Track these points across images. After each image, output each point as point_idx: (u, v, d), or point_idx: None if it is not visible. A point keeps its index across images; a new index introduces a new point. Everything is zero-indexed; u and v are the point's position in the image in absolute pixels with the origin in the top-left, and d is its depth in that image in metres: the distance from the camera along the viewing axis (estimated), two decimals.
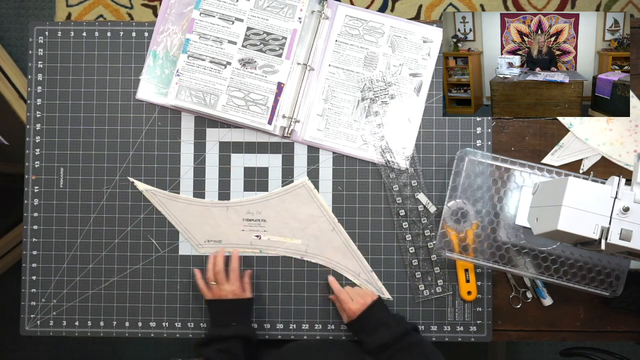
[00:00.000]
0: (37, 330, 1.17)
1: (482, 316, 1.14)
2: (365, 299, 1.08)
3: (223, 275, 1.11)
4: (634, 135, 1.15)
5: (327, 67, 1.17)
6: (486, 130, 1.16)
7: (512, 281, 1.15)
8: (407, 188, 1.16)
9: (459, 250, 1.11)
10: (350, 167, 1.16)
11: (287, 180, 1.17)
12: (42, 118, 1.18)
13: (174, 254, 1.17)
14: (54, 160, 1.18)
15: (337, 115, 1.16)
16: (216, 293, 1.10)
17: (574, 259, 1.08)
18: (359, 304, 1.07)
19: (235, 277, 1.11)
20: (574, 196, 0.87)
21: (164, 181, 1.17)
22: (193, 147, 1.18)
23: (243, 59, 1.14)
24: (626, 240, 0.85)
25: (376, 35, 1.16)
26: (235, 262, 1.12)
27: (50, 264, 1.17)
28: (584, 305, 1.15)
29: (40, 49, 1.18)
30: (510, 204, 1.11)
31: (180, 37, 1.17)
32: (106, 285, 1.17)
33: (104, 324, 1.17)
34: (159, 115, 1.18)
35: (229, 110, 1.14)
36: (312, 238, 1.16)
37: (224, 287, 1.10)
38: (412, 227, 1.15)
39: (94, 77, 1.18)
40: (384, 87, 1.16)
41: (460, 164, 1.12)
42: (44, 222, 1.17)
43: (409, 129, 1.16)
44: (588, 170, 1.16)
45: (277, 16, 1.14)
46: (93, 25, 1.19)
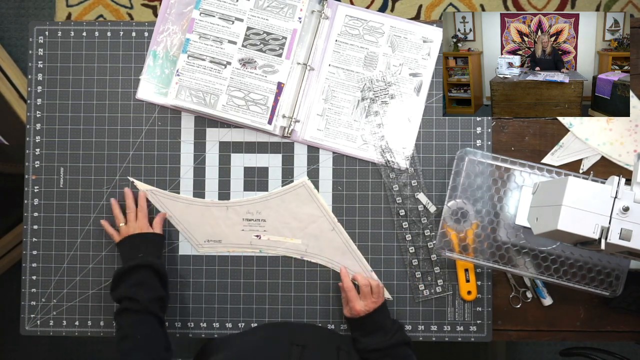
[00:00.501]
0: (37, 330, 1.17)
1: (482, 316, 1.14)
2: (370, 304, 1.07)
3: (133, 216, 1.11)
4: (634, 135, 1.15)
5: (327, 67, 1.17)
6: (486, 130, 1.16)
7: (512, 281, 1.15)
8: (407, 188, 1.16)
9: (459, 250, 1.11)
10: (350, 167, 1.16)
11: (287, 180, 1.17)
12: (42, 118, 1.18)
13: (174, 254, 1.17)
14: (54, 160, 1.18)
15: (337, 115, 1.16)
16: (124, 232, 1.09)
17: (574, 259, 1.08)
18: (364, 306, 1.07)
19: (142, 215, 1.11)
20: (574, 196, 0.87)
21: (164, 181, 1.17)
22: (193, 147, 1.18)
23: (243, 59, 1.14)
24: (626, 240, 0.85)
25: (376, 35, 1.16)
26: (143, 201, 1.13)
27: (50, 264, 1.17)
28: (584, 305, 1.15)
29: (40, 49, 1.18)
30: (510, 204, 1.11)
31: (180, 37, 1.17)
32: (106, 285, 1.17)
33: (104, 324, 1.17)
34: (159, 115, 1.18)
35: (229, 110, 1.14)
36: (312, 238, 1.16)
37: (131, 225, 1.09)
38: (412, 227, 1.15)
39: (94, 77, 1.18)
40: (384, 87, 1.16)
41: (460, 164, 1.12)
42: (44, 222, 1.17)
43: (409, 129, 1.16)
44: (588, 170, 1.16)
45: (277, 16, 1.14)
46: (93, 25, 1.19)
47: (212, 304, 1.16)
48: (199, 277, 1.17)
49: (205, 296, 1.16)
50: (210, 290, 1.16)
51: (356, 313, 1.07)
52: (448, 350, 1.91)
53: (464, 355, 1.91)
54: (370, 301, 1.07)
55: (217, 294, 1.16)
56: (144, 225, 1.10)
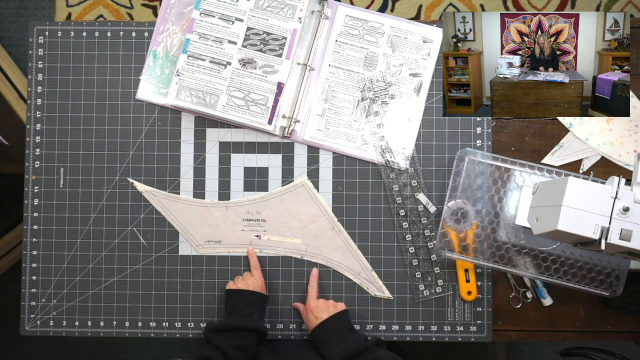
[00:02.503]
0: (37, 330, 1.17)
1: (482, 316, 1.14)
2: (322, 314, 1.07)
3: (259, 273, 1.12)
4: (634, 135, 1.15)
5: (327, 67, 1.17)
6: (486, 130, 1.16)
7: (512, 281, 1.15)
8: (407, 188, 1.16)
9: (459, 250, 1.11)
10: (350, 167, 1.16)
11: (287, 180, 1.17)
12: (42, 118, 1.18)
13: (174, 254, 1.17)
14: (54, 160, 1.18)
15: (337, 115, 1.16)
16: (240, 285, 1.09)
17: (574, 259, 1.08)
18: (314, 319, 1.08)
19: (259, 274, 1.12)
20: (574, 196, 0.87)
21: (164, 181, 1.17)
22: (193, 147, 1.18)
23: (243, 59, 1.14)
24: (626, 240, 0.85)
25: (376, 35, 1.16)
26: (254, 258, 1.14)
27: (50, 264, 1.17)
28: (584, 305, 1.15)
29: (40, 49, 1.18)
30: (510, 204, 1.11)
31: (180, 37, 1.17)
32: (106, 285, 1.17)
33: (104, 324, 1.17)
34: (159, 115, 1.18)
35: (229, 110, 1.14)
36: (311, 237, 1.16)
37: (250, 281, 1.10)
38: (412, 227, 1.15)
39: (94, 77, 1.18)
40: (384, 87, 1.16)
41: (460, 164, 1.12)
42: (44, 222, 1.17)
43: (409, 129, 1.16)
44: (588, 170, 1.16)
45: (277, 16, 1.14)
46: (93, 25, 1.19)
47: (212, 304, 1.16)
48: (199, 277, 1.17)
49: (205, 296, 1.16)
50: (210, 290, 1.16)
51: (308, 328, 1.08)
52: (448, 350, 1.91)
53: (464, 355, 1.91)
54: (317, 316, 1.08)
55: (217, 294, 1.16)
56: (263, 285, 1.11)
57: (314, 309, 1.08)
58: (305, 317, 1.11)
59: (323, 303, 1.09)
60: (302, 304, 1.14)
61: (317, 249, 1.16)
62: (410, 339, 1.15)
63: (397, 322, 1.15)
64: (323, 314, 1.07)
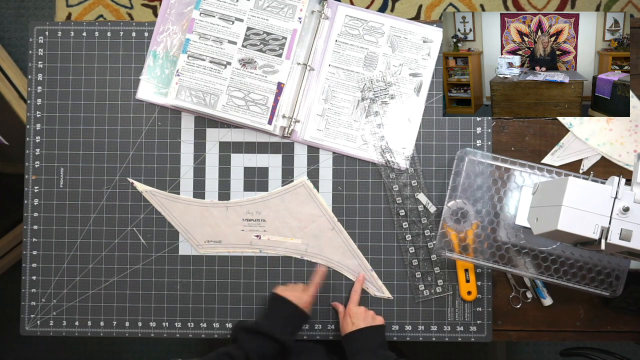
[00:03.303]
0: (37, 330, 1.17)
1: (482, 316, 1.14)
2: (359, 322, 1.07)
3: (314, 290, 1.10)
4: (634, 135, 1.15)
5: (327, 67, 1.17)
6: (486, 130, 1.16)
7: (512, 281, 1.15)
8: (407, 188, 1.16)
9: (459, 250, 1.11)
10: (350, 167, 1.16)
11: (287, 180, 1.17)
12: (42, 118, 1.18)
13: (174, 254, 1.17)
14: (54, 160, 1.18)
15: (337, 115, 1.16)
16: (288, 294, 1.08)
17: (574, 259, 1.08)
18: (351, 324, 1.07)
19: (313, 293, 1.10)
20: (574, 196, 0.87)
21: (164, 181, 1.17)
22: (193, 147, 1.18)
23: (243, 59, 1.14)
24: (626, 240, 0.85)
25: (376, 35, 1.16)
26: (319, 278, 1.12)
27: (50, 264, 1.17)
28: (584, 305, 1.15)
29: (40, 49, 1.18)
30: (510, 204, 1.11)
31: (180, 37, 1.17)
32: (106, 285, 1.17)
33: (104, 324, 1.17)
34: (159, 115, 1.18)
35: (229, 110, 1.14)
36: (311, 237, 1.16)
37: (300, 294, 1.08)
38: (412, 227, 1.15)
39: (94, 77, 1.18)
40: (384, 87, 1.16)
41: (460, 164, 1.12)
42: (44, 222, 1.17)
43: (409, 129, 1.16)
44: (588, 170, 1.16)
45: (277, 16, 1.14)
46: (93, 25, 1.19)
47: (212, 304, 1.16)
48: (199, 277, 1.17)
49: (205, 296, 1.16)
50: (210, 290, 1.17)
51: (342, 331, 1.08)
52: (448, 350, 1.91)
53: (464, 355, 1.91)
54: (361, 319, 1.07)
55: (217, 294, 1.16)
56: (309, 303, 1.09)
57: (353, 314, 1.08)
58: (342, 319, 1.10)
59: (364, 312, 1.09)
60: (342, 305, 1.13)
61: (317, 249, 1.16)
62: (410, 339, 1.15)
63: (397, 322, 1.15)
64: (360, 322, 1.07)
